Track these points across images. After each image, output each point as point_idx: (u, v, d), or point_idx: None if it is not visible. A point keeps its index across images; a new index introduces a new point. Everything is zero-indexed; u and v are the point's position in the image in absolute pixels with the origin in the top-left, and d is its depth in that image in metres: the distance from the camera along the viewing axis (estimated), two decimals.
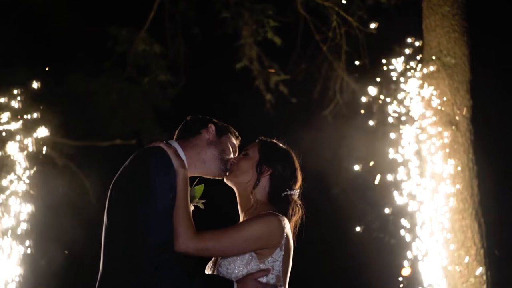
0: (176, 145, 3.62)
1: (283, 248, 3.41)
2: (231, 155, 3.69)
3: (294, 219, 3.57)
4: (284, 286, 3.45)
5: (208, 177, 3.72)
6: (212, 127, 3.70)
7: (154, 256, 3.26)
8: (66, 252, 9.64)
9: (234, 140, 3.75)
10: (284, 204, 3.57)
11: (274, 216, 3.43)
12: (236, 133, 3.77)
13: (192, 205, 3.69)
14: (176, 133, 3.76)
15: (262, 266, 3.38)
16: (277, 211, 3.48)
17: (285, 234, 3.42)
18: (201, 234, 3.34)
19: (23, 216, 8.00)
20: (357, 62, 8.71)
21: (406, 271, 7.37)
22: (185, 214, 3.36)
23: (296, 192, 3.63)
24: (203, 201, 3.75)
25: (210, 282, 3.38)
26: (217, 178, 3.70)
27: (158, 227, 3.31)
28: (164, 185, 3.38)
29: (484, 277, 7.14)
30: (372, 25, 8.52)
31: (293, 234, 3.55)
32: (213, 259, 3.56)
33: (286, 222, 3.45)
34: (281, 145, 3.71)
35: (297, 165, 3.68)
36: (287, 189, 3.59)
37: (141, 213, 3.32)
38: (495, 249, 7.37)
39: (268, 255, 3.39)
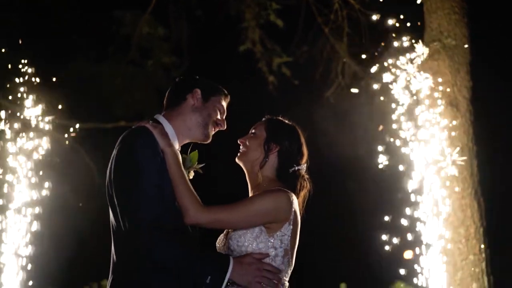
0: (162, 119, 3.68)
1: (291, 222, 3.51)
2: (218, 117, 3.74)
3: (302, 193, 3.67)
4: (292, 259, 3.55)
5: (196, 142, 3.80)
6: (197, 92, 3.73)
7: (146, 233, 3.36)
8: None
9: (222, 100, 3.79)
10: (292, 180, 3.66)
11: (283, 192, 3.53)
12: (225, 91, 3.81)
13: (192, 172, 3.84)
14: (165, 101, 3.80)
15: (271, 239, 3.49)
16: (286, 187, 3.57)
17: (293, 209, 3.52)
18: (210, 207, 3.45)
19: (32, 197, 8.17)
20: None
21: (408, 254, 7.50)
22: (185, 189, 3.46)
23: (303, 166, 3.72)
24: (202, 165, 3.84)
25: (205, 257, 3.46)
26: (204, 143, 3.77)
27: (148, 205, 3.39)
28: (151, 164, 3.45)
29: (483, 254, 7.27)
30: (374, 9, 8.57)
31: (302, 207, 3.66)
32: (224, 232, 3.69)
33: (294, 197, 3.55)
34: (287, 122, 3.79)
35: (303, 140, 3.76)
36: (295, 165, 3.68)
37: (131, 193, 3.42)
38: (494, 227, 7.50)
39: (277, 229, 3.49)
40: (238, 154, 3.75)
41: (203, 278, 3.41)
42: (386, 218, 7.71)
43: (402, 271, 7.60)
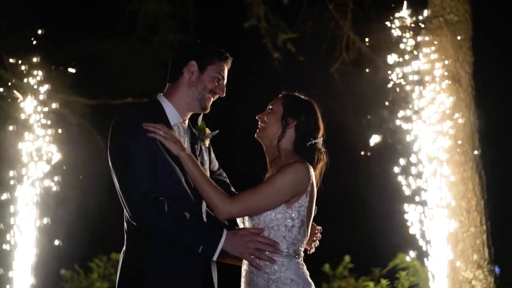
0: (162, 99, 3.81)
1: (308, 194, 3.63)
2: (215, 86, 3.82)
3: (319, 166, 3.78)
4: (307, 229, 3.68)
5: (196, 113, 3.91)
6: (192, 65, 3.79)
7: (140, 208, 3.55)
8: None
9: (221, 66, 3.83)
10: (309, 153, 3.77)
11: (302, 164, 3.64)
12: (225, 55, 3.84)
13: (207, 140, 3.98)
14: (168, 75, 3.89)
15: (289, 211, 3.61)
16: (303, 159, 3.69)
17: (311, 181, 3.65)
18: (237, 197, 3.59)
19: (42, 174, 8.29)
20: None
21: (413, 229, 7.60)
22: (208, 187, 3.59)
23: (320, 140, 3.82)
24: (216, 132, 3.96)
25: (199, 227, 3.60)
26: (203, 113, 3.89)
27: (139, 182, 3.56)
28: (138, 147, 3.60)
29: (484, 226, 7.41)
30: None
31: (319, 180, 3.77)
32: None
33: (312, 169, 3.67)
34: (303, 97, 3.89)
35: (319, 115, 3.86)
36: (311, 138, 3.79)
37: (123, 171, 3.62)
38: (495, 200, 7.63)
39: (295, 201, 3.62)
40: (257, 130, 3.85)
41: (196, 248, 3.56)
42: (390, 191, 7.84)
43: (404, 244, 7.75)
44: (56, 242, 8.53)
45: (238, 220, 3.81)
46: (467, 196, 7.43)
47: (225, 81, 3.88)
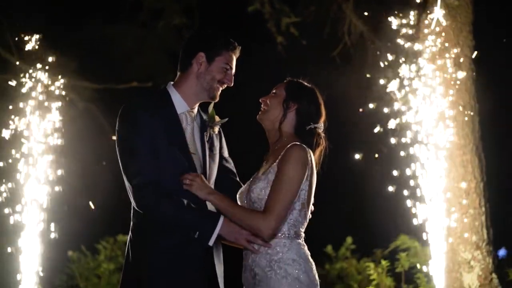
0: (171, 89, 3.95)
1: (308, 178, 3.75)
2: (223, 76, 3.92)
3: (318, 150, 3.89)
4: (307, 212, 3.81)
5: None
6: (201, 56, 3.90)
7: (141, 194, 3.72)
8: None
9: (229, 56, 3.92)
10: (309, 137, 3.87)
11: (301, 147, 3.76)
12: (233, 44, 3.93)
13: (216, 127, 4.10)
14: (178, 65, 4.01)
15: None
16: (302, 142, 3.81)
17: (310, 165, 3.76)
18: (267, 211, 3.69)
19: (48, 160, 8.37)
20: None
21: (414, 211, 7.69)
22: (243, 214, 3.74)
23: (321, 125, 3.93)
24: (225, 119, 4.08)
25: (197, 213, 3.75)
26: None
27: (143, 167, 3.74)
28: (142, 137, 3.77)
29: (483, 208, 7.51)
30: None
31: (318, 164, 3.87)
32: (246, 186, 3.97)
33: (311, 153, 3.79)
34: (306, 83, 4.01)
35: (321, 101, 3.96)
36: (311, 123, 3.89)
37: (126, 156, 3.79)
38: (494, 183, 7.73)
39: None
40: (259, 113, 3.96)
41: (193, 233, 3.71)
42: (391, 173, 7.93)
43: (405, 226, 7.85)
44: (63, 224, 8.56)
45: (241, 200, 3.94)
46: (467, 178, 7.53)
47: (233, 71, 3.97)
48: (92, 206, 9.51)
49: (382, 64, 8.02)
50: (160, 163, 3.79)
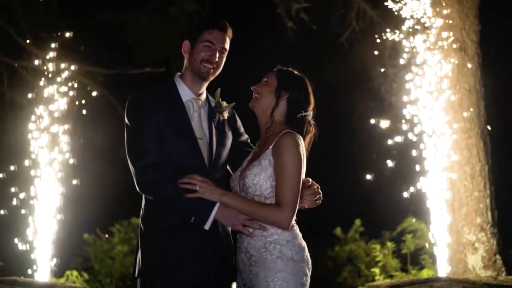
0: (177, 79, 4.17)
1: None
2: (204, 55, 4.08)
3: (308, 137, 4.04)
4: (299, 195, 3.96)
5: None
6: (186, 44, 4.14)
7: (141, 177, 3.92)
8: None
9: (209, 34, 4.09)
10: (299, 124, 4.03)
11: (292, 135, 3.91)
12: (214, 23, 4.11)
13: (225, 112, 4.26)
14: None
15: None
16: (293, 129, 3.96)
17: (303, 151, 3.95)
18: (281, 203, 3.84)
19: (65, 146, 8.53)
20: None
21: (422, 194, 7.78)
22: (259, 210, 3.86)
23: (310, 113, 4.08)
24: (232, 104, 4.24)
25: (195, 198, 3.91)
26: (207, 78, 4.17)
27: (144, 152, 3.93)
28: (146, 126, 3.95)
29: (488, 191, 7.61)
30: None
31: (307, 150, 4.02)
32: (238, 173, 4.14)
33: (301, 140, 3.94)
34: (296, 72, 4.16)
35: (310, 90, 4.10)
36: (302, 111, 4.04)
37: (132, 143, 3.98)
38: (499, 165, 7.81)
39: None
40: (251, 100, 4.10)
41: (189, 217, 3.89)
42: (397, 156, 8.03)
43: (412, 209, 7.96)
44: (79, 208, 8.74)
45: (234, 186, 4.11)
46: (472, 161, 7.63)
47: (219, 46, 4.11)
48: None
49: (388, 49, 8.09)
50: (166, 150, 3.98)
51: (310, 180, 4.16)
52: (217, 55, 4.12)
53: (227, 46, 4.19)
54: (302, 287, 3.88)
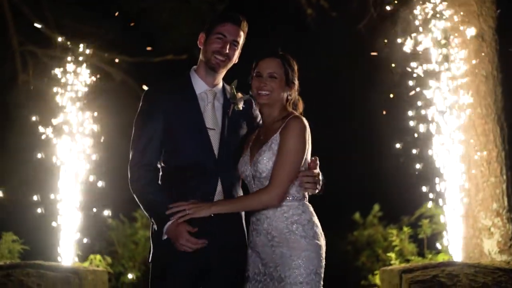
0: (192, 73, 4.37)
1: (308, 142, 4.20)
2: (215, 47, 4.27)
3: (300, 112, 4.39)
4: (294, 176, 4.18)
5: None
6: (202, 36, 4.34)
7: (130, 171, 4.21)
8: None
9: (221, 27, 4.27)
10: (295, 105, 4.36)
11: (302, 119, 4.19)
12: (226, 15, 4.31)
13: (240, 104, 4.40)
14: None
15: None
16: (294, 110, 4.31)
17: (309, 132, 4.19)
18: (274, 183, 4.08)
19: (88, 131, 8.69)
20: None
21: (438, 180, 7.83)
22: (245, 203, 4.15)
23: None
24: (248, 96, 4.40)
25: (155, 206, 4.17)
26: (218, 70, 4.35)
27: (136, 152, 4.19)
28: (153, 122, 4.20)
29: (504, 176, 7.65)
30: None
31: None
32: (246, 158, 4.29)
33: (306, 120, 4.22)
34: (292, 59, 4.35)
35: None
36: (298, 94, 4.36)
37: (133, 142, 4.25)
38: None
39: None
40: (263, 96, 4.26)
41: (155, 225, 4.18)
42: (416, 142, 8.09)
43: (429, 194, 8.02)
44: (102, 193, 8.88)
45: (249, 178, 4.26)
46: (488, 147, 7.68)
47: (231, 39, 4.28)
48: None
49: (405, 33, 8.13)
50: (175, 142, 4.21)
51: (317, 160, 4.31)
52: (228, 47, 4.25)
53: (240, 40, 4.33)
54: (322, 261, 4.12)
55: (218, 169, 4.19)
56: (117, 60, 10.81)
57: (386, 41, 8.39)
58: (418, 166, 8.04)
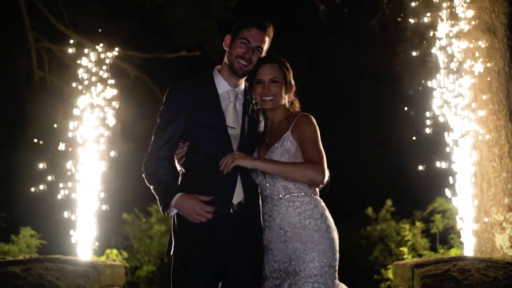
0: (215, 73, 4.48)
1: None
2: (239, 51, 4.38)
3: None
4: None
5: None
6: (228, 39, 4.45)
7: (145, 160, 4.32)
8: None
9: (246, 32, 4.38)
10: (293, 104, 4.52)
11: (309, 115, 4.38)
12: (249, 22, 4.39)
13: None
14: None
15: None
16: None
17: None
18: (315, 162, 4.20)
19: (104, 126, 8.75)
20: None
21: (450, 175, 7.87)
22: (294, 169, 4.21)
23: None
24: None
25: (162, 188, 4.29)
26: (243, 75, 4.47)
27: (154, 145, 4.35)
28: (174, 120, 4.34)
29: None
30: None
31: None
32: (259, 152, 4.40)
33: None
34: (286, 61, 4.48)
35: None
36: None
37: (154, 134, 4.40)
38: None
39: None
40: (268, 102, 4.39)
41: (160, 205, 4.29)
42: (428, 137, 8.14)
43: (442, 189, 8.07)
44: (118, 189, 9.01)
45: (260, 177, 4.39)
46: (500, 143, 7.71)
47: (255, 45, 4.38)
48: None
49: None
50: (197, 137, 4.32)
51: None
52: (252, 52, 4.35)
53: (264, 45, 4.43)
54: (336, 254, 4.24)
55: (237, 166, 4.29)
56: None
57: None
58: (430, 161, 8.08)
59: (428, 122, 8.02)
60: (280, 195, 4.28)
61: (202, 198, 4.18)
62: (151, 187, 4.31)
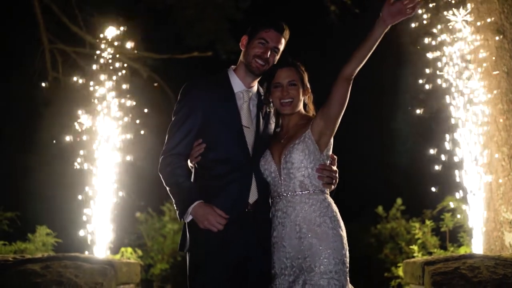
0: (230, 72, 4.59)
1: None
2: (257, 51, 4.50)
3: None
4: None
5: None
6: (244, 39, 4.57)
7: (167, 156, 4.40)
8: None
9: (264, 33, 4.50)
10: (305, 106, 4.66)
11: None
12: (267, 24, 4.52)
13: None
14: None
15: (322, 156, 4.41)
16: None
17: None
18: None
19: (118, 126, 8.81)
20: None
21: (459, 174, 7.93)
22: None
23: None
24: None
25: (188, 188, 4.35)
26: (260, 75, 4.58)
27: (170, 143, 4.42)
28: (189, 117, 4.42)
29: None
30: None
31: None
32: (269, 157, 4.50)
33: None
34: (300, 64, 4.62)
35: None
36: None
37: (168, 131, 4.48)
38: None
39: (326, 145, 4.43)
40: (288, 106, 4.52)
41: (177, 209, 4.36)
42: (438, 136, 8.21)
43: (452, 187, 8.14)
44: (131, 188, 9.07)
45: (273, 174, 4.48)
46: (509, 142, 7.77)
47: (273, 45, 4.50)
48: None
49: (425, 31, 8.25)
50: (212, 135, 4.42)
51: (335, 157, 4.55)
52: (269, 53, 4.47)
53: (281, 46, 4.54)
54: (347, 252, 4.36)
55: (252, 165, 4.39)
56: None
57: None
58: (440, 160, 8.14)
59: (438, 121, 8.09)
60: (296, 192, 4.38)
61: (218, 211, 4.27)
62: (168, 188, 4.38)
